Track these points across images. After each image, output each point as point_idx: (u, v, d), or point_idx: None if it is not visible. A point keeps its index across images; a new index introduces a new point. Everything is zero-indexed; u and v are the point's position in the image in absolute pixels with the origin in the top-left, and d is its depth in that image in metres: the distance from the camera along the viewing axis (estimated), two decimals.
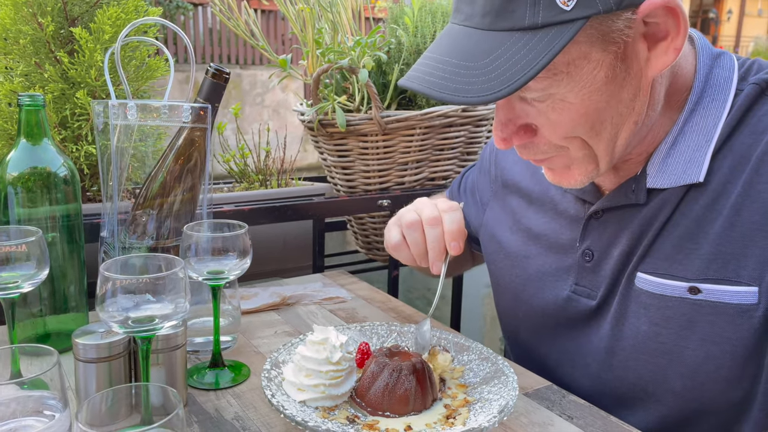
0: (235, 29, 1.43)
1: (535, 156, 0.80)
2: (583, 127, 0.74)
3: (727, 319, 0.74)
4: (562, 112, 0.73)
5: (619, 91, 0.72)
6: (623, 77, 0.71)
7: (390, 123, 1.36)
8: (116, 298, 0.66)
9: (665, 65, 0.72)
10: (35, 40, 1.12)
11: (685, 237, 0.78)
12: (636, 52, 0.71)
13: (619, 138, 0.76)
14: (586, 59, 0.69)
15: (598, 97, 0.71)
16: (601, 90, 0.71)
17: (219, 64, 0.98)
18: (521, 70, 0.65)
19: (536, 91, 0.71)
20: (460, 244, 0.95)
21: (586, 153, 0.77)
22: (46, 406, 0.64)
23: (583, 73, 0.69)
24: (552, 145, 0.77)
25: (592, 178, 0.81)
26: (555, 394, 0.87)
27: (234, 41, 8.61)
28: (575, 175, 0.80)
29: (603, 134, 0.75)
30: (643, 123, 0.77)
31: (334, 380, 0.79)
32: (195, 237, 0.84)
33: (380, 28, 1.39)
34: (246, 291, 1.22)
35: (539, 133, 0.77)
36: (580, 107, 0.72)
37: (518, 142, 0.78)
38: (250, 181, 1.49)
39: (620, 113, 0.74)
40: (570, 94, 0.71)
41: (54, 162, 0.90)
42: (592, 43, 0.68)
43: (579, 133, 0.75)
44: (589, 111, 0.72)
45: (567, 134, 0.75)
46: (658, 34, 0.71)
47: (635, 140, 0.79)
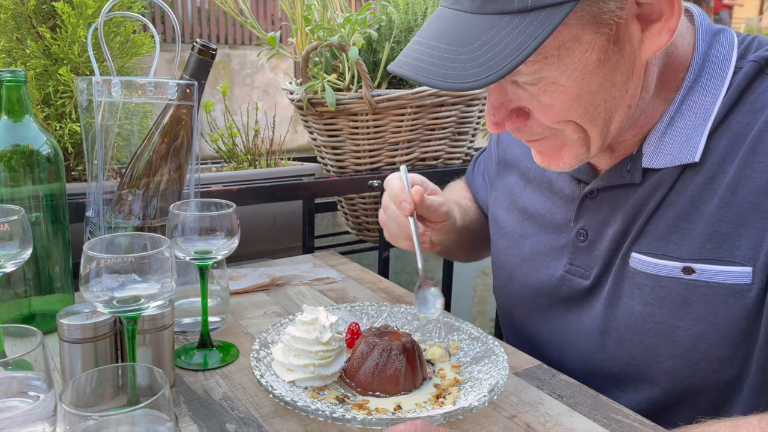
0: (222, 5, 1.40)
1: (530, 137, 0.79)
2: (576, 111, 0.73)
3: (720, 299, 0.74)
4: (554, 96, 0.71)
5: (612, 74, 0.71)
6: (616, 60, 0.70)
7: (380, 102, 1.34)
8: (101, 278, 0.65)
9: (659, 47, 0.70)
10: (16, 15, 1.09)
11: (679, 217, 0.78)
12: (629, 34, 0.69)
13: (613, 121, 0.75)
14: (577, 42, 0.67)
15: (590, 79, 0.70)
16: (593, 73, 0.70)
17: (207, 41, 0.96)
18: (511, 55, 0.64)
19: (527, 75, 0.70)
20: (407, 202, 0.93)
21: (580, 136, 0.76)
22: (31, 387, 0.63)
23: (575, 56, 0.68)
24: (546, 128, 0.76)
25: (582, 161, 0.80)
26: (545, 373, 0.87)
27: (223, 20, 8.49)
28: (564, 158, 0.80)
29: (597, 118, 0.74)
30: (637, 106, 0.76)
31: (324, 360, 0.78)
32: (182, 216, 0.82)
33: (370, 5, 1.37)
34: (235, 271, 1.20)
35: (532, 117, 0.76)
36: (573, 90, 0.70)
37: (511, 126, 0.76)
38: (238, 161, 1.47)
39: (613, 96, 0.73)
40: (562, 77, 0.70)
41: (36, 140, 0.88)
42: (583, 25, 0.67)
43: (572, 117, 0.73)
44: (581, 94, 0.71)
45: (560, 118, 0.74)
46: (651, 15, 0.69)
47: (628, 123, 0.78)
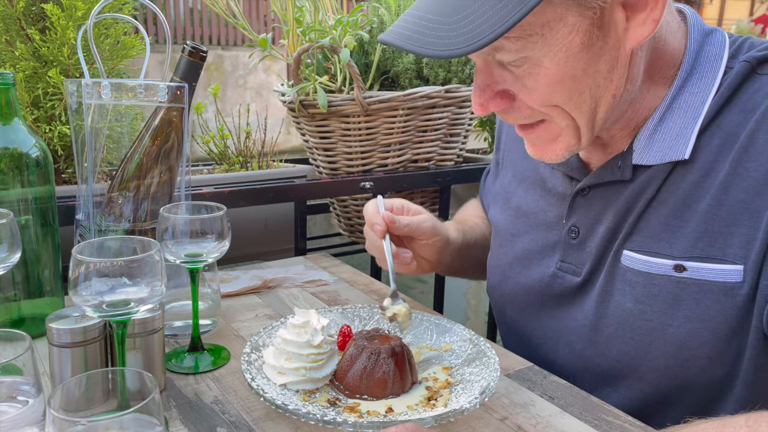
0: (213, 7, 1.40)
1: (518, 121, 0.80)
2: (561, 95, 0.73)
3: (712, 297, 0.75)
4: (537, 78, 0.72)
5: (596, 61, 0.72)
6: (600, 46, 0.71)
7: (372, 104, 1.34)
8: (90, 282, 0.64)
9: (643, 37, 0.71)
10: (5, 17, 1.08)
11: (671, 214, 0.78)
12: (614, 21, 0.70)
13: (598, 110, 0.76)
14: (561, 22, 0.68)
15: (574, 63, 0.71)
16: (577, 57, 0.70)
17: (197, 43, 0.95)
18: (493, 26, 0.65)
19: (512, 53, 0.71)
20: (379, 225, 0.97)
21: (569, 123, 0.77)
22: (20, 391, 0.63)
23: (559, 37, 0.69)
24: (533, 111, 0.77)
25: (573, 151, 0.81)
26: (536, 374, 0.87)
27: (215, 22, 8.47)
28: (558, 149, 0.80)
29: (582, 105, 0.74)
30: (621, 97, 0.76)
31: (315, 363, 0.78)
32: (172, 219, 0.82)
33: (362, 7, 1.37)
34: (226, 274, 1.20)
35: (517, 100, 0.77)
36: (556, 73, 0.71)
37: (495, 107, 0.77)
38: (230, 163, 1.47)
39: (598, 84, 0.73)
40: (545, 59, 0.70)
41: (25, 142, 0.88)
42: (567, 6, 0.68)
43: (556, 101, 0.74)
44: (565, 78, 0.72)
45: (544, 101, 0.74)
46: (637, 4, 0.70)
47: (615, 114, 0.78)
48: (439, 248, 1.05)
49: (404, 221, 1.00)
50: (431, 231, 1.02)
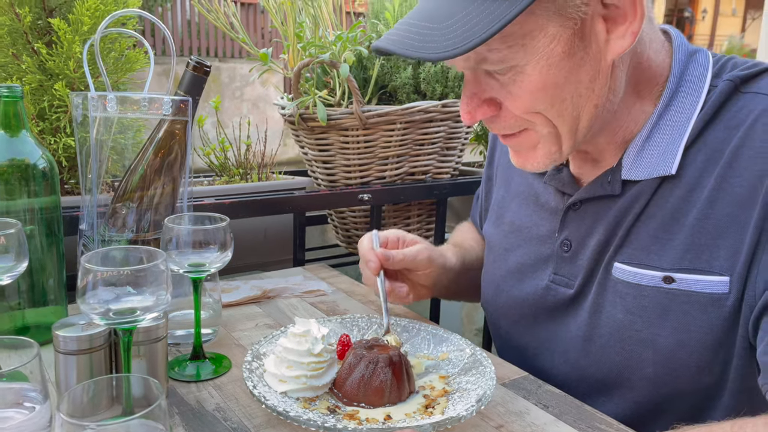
0: (215, 22, 1.43)
1: (503, 131, 0.83)
2: (543, 103, 0.76)
3: (699, 308, 0.77)
4: (521, 85, 0.75)
5: (578, 70, 0.74)
6: (581, 56, 0.74)
7: (371, 117, 1.37)
8: (97, 290, 0.66)
9: (623, 49, 0.74)
10: (12, 31, 1.11)
11: (660, 228, 0.81)
12: (595, 32, 0.73)
13: (581, 120, 0.78)
14: (542, 32, 0.71)
15: (556, 72, 0.74)
16: (558, 66, 0.73)
17: (201, 58, 0.98)
18: (477, 33, 0.68)
19: (497, 63, 0.74)
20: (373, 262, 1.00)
21: (550, 131, 0.79)
22: (27, 398, 0.64)
23: (540, 46, 0.72)
24: (517, 119, 0.79)
25: (554, 160, 0.83)
26: (531, 384, 0.89)
27: (213, 34, 8.52)
28: (538, 157, 0.83)
29: (564, 113, 0.77)
30: (604, 107, 0.79)
31: (316, 371, 0.80)
32: (176, 230, 0.84)
33: (361, 23, 1.40)
34: (227, 284, 1.22)
35: (503, 108, 0.79)
36: (539, 81, 0.74)
37: (482, 116, 0.80)
38: (230, 175, 1.49)
39: (580, 93, 0.76)
40: (528, 67, 0.73)
41: (32, 154, 0.90)
42: (548, 17, 0.71)
43: (540, 109, 0.77)
44: (547, 86, 0.74)
45: (528, 108, 0.77)
46: (617, 18, 0.73)
47: (597, 124, 0.81)
48: (436, 276, 1.07)
49: (398, 257, 1.01)
50: (426, 262, 1.04)
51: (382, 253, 1.01)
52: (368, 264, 1.01)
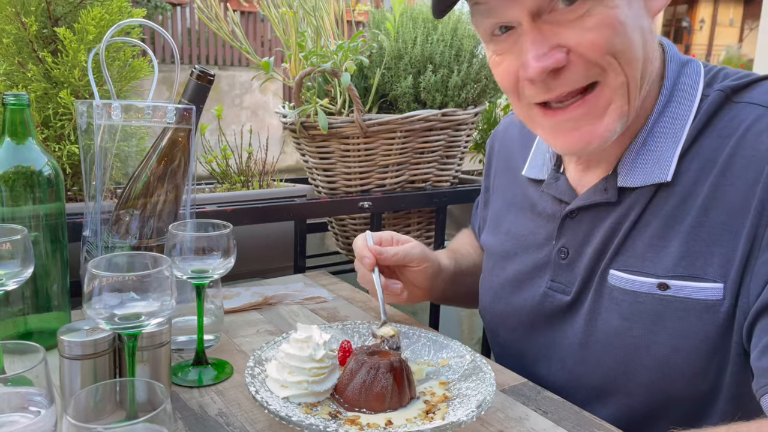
0: (218, 31, 1.44)
1: (569, 84, 0.77)
2: (620, 39, 0.74)
3: (694, 315, 0.78)
4: (599, 19, 0.73)
5: (641, 15, 0.77)
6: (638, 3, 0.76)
7: (371, 126, 1.38)
8: (103, 296, 0.67)
9: (659, 7, 0.78)
10: (18, 40, 1.12)
11: (655, 235, 0.82)
12: None
13: (645, 72, 0.79)
14: None
15: (627, 10, 0.75)
16: (629, 3, 0.75)
17: (205, 67, 0.99)
18: None
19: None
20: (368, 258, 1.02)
21: (623, 81, 0.77)
22: (32, 402, 0.65)
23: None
24: (589, 67, 0.76)
25: (623, 125, 0.80)
26: (530, 390, 0.90)
27: (213, 42, 8.55)
28: (607, 122, 0.79)
29: (634, 61, 0.76)
30: (648, 74, 0.80)
31: (318, 377, 0.81)
32: (180, 236, 0.85)
33: (362, 33, 1.42)
34: (228, 290, 1.23)
35: (572, 55, 0.75)
36: (616, 14, 0.74)
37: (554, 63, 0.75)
38: (232, 182, 1.50)
39: (645, 39, 0.78)
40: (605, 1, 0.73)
41: (38, 161, 0.91)
42: None
43: (617, 46, 0.74)
44: (623, 22, 0.74)
45: (605, 47, 0.74)
46: None
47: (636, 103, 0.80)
48: (431, 275, 1.08)
49: (391, 251, 1.04)
50: (420, 257, 1.06)
51: (376, 249, 1.03)
52: (363, 260, 1.03)
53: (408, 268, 1.06)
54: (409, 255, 1.05)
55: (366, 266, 1.03)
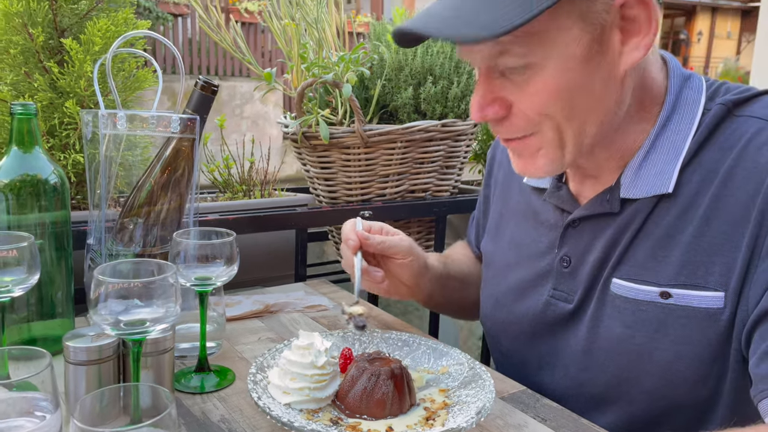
0: (221, 43, 1.46)
1: (509, 134, 0.83)
2: (556, 105, 0.78)
3: (695, 322, 0.80)
4: (537, 85, 0.77)
5: (592, 76, 0.77)
6: (597, 62, 0.76)
7: (372, 136, 1.40)
8: (110, 302, 0.68)
9: (635, 60, 0.77)
10: (25, 50, 1.14)
11: (657, 245, 0.83)
12: (612, 40, 0.76)
13: (587, 127, 0.80)
14: (566, 32, 0.74)
15: (572, 75, 0.76)
16: (575, 69, 0.76)
17: (209, 78, 1.01)
18: (506, 21, 0.70)
19: (517, 57, 0.76)
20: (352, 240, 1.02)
21: (555, 136, 0.81)
22: (38, 407, 0.65)
23: (561, 46, 0.75)
24: (526, 121, 0.80)
25: (556, 167, 0.84)
26: (530, 397, 0.90)
27: (214, 52, 8.60)
28: (540, 162, 0.84)
29: (573, 119, 0.79)
30: (609, 119, 0.81)
31: (319, 384, 0.82)
32: (184, 244, 0.86)
33: (363, 45, 1.44)
34: (230, 299, 1.24)
35: (514, 109, 0.81)
36: (555, 82, 0.76)
37: (493, 114, 0.81)
38: (233, 191, 1.51)
39: (590, 102, 0.79)
40: (547, 67, 0.76)
41: (45, 169, 0.92)
42: (573, 19, 0.74)
43: (551, 111, 0.78)
44: (562, 88, 0.77)
45: (540, 109, 0.79)
46: (632, 30, 0.76)
47: (600, 136, 0.82)
48: (416, 271, 1.07)
49: (378, 239, 1.03)
50: (406, 250, 1.05)
51: (363, 234, 1.02)
52: (348, 242, 1.02)
53: (392, 259, 1.06)
54: (395, 246, 1.04)
55: (350, 248, 1.02)
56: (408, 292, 1.11)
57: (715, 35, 21.20)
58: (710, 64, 20.20)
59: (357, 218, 1.08)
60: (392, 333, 1.01)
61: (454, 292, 1.18)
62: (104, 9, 1.20)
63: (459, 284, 1.18)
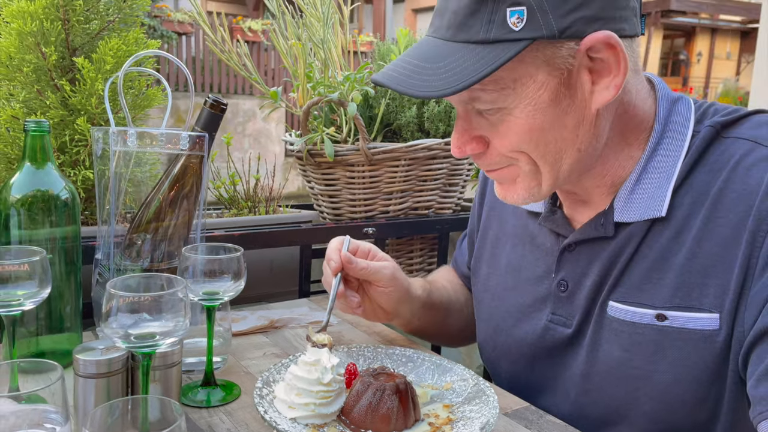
0: (228, 62, 1.49)
1: (488, 167, 0.87)
2: (528, 144, 0.81)
3: (692, 344, 0.80)
4: (509, 126, 0.80)
5: (563, 117, 0.79)
6: (567, 104, 0.79)
7: (376, 154, 1.42)
8: (121, 315, 0.69)
9: (607, 100, 0.79)
10: (37, 69, 1.16)
11: (651, 268, 0.84)
12: (581, 82, 0.78)
13: (563, 162, 0.83)
14: (531, 79, 0.77)
15: (542, 117, 0.78)
16: (545, 111, 0.78)
17: (218, 96, 1.03)
18: (468, 75, 0.74)
19: (487, 103, 0.79)
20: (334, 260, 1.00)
21: (531, 168, 0.84)
22: (48, 419, 0.66)
23: (529, 92, 0.77)
24: (502, 156, 0.84)
25: (534, 196, 0.86)
26: (533, 414, 0.91)
27: (217, 70, 8.69)
28: (519, 191, 0.87)
29: (547, 155, 0.82)
30: (586, 152, 0.83)
31: (325, 400, 0.82)
32: (192, 259, 0.88)
33: (368, 64, 1.46)
34: (235, 314, 1.24)
35: (491, 145, 0.84)
36: (525, 124, 0.79)
37: (471, 151, 0.85)
38: (239, 208, 1.53)
39: (563, 138, 0.81)
40: (516, 110, 0.79)
41: (56, 185, 0.94)
42: (537, 65, 0.76)
43: (524, 149, 0.81)
44: (533, 128, 0.79)
45: (513, 148, 0.82)
46: (602, 71, 0.78)
47: (579, 167, 0.84)
48: (396, 299, 1.05)
49: (361, 264, 1.01)
50: (388, 279, 1.03)
51: (347, 257, 1.00)
52: (329, 262, 1.00)
53: (374, 286, 1.04)
54: (378, 273, 1.02)
55: (331, 270, 1.00)
56: (386, 317, 1.10)
57: (714, 56, 21.36)
58: (710, 84, 20.33)
59: (346, 237, 1.06)
60: (396, 349, 1.02)
61: (437, 320, 1.16)
62: (115, 29, 1.23)
63: (442, 312, 1.16)
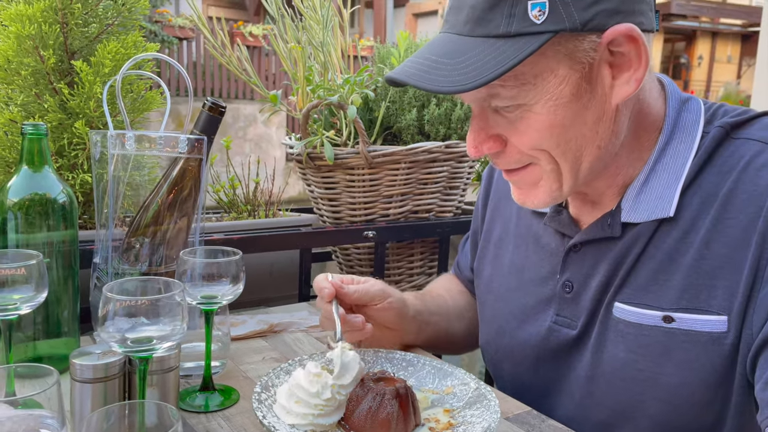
0: (228, 66, 1.48)
1: (507, 166, 0.85)
2: (549, 141, 0.79)
3: (699, 347, 0.79)
4: (529, 123, 0.78)
5: (584, 111, 0.78)
6: (588, 98, 0.77)
7: (376, 157, 1.41)
8: (117, 319, 0.69)
9: (627, 94, 0.78)
10: (35, 72, 1.16)
11: (658, 269, 0.83)
12: (601, 76, 0.77)
13: (583, 160, 0.81)
14: (552, 73, 0.75)
15: (563, 112, 0.77)
16: (566, 106, 0.77)
17: (217, 99, 1.02)
18: (489, 70, 0.72)
19: (506, 99, 0.78)
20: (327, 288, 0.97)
21: (553, 168, 0.82)
22: (44, 425, 0.65)
23: (550, 86, 0.76)
24: (522, 155, 0.82)
25: (555, 198, 0.85)
26: (535, 418, 0.90)
27: (218, 75, 8.70)
28: (539, 194, 0.85)
29: (568, 152, 0.80)
30: (606, 149, 0.82)
31: (323, 412, 0.81)
32: (191, 262, 0.87)
33: (368, 68, 1.46)
34: (234, 318, 1.24)
35: (509, 144, 0.82)
36: (546, 120, 0.77)
37: (488, 150, 0.83)
38: (238, 212, 1.52)
39: (584, 134, 0.79)
40: (537, 106, 0.77)
41: (54, 189, 0.93)
42: (559, 59, 0.75)
43: (545, 146, 0.80)
44: (554, 125, 0.78)
45: (533, 145, 0.80)
46: (622, 65, 0.77)
47: (598, 166, 0.84)
48: (396, 311, 1.04)
49: (352, 288, 0.99)
50: (380, 293, 1.01)
51: (337, 284, 0.98)
52: (321, 291, 0.97)
53: (371, 307, 1.02)
54: (368, 292, 1.01)
55: (324, 297, 0.97)
56: (395, 337, 1.07)
57: (715, 59, 21.37)
58: (711, 88, 20.33)
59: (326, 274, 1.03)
60: (396, 353, 1.01)
61: (440, 327, 1.14)
62: (114, 32, 1.23)
63: (443, 319, 1.15)
